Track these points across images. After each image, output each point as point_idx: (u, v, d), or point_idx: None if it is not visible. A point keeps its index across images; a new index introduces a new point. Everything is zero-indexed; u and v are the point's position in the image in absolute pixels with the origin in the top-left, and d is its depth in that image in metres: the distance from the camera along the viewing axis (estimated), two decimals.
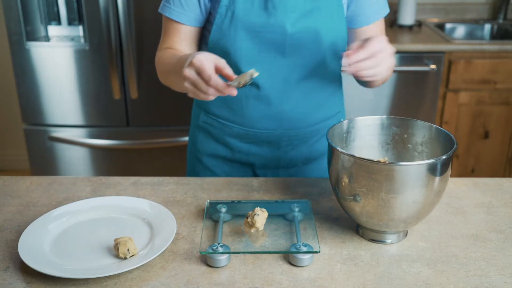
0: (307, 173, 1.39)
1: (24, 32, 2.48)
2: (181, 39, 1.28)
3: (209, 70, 0.99)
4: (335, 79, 1.34)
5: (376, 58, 1.04)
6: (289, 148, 1.35)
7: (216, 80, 0.99)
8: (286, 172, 1.39)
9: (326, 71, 1.28)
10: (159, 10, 1.30)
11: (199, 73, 1.00)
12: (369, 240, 1.03)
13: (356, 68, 1.03)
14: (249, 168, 1.39)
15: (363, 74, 1.04)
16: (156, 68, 1.31)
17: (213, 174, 1.41)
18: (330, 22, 1.21)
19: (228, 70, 1.02)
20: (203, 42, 1.32)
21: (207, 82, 1.00)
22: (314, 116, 1.33)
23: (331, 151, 0.99)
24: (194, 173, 1.45)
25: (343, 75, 1.37)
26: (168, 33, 1.30)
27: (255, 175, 1.40)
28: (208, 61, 1.00)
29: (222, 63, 1.02)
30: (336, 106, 1.38)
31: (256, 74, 1.00)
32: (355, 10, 1.26)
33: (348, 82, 2.63)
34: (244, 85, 1.00)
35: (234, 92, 1.00)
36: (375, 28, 1.29)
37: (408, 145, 1.11)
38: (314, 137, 1.36)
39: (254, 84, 1.25)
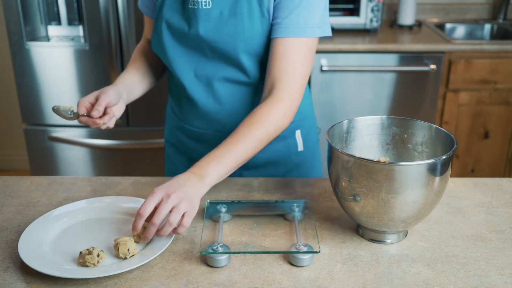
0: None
1: (24, 32, 2.49)
2: (151, 30, 1.36)
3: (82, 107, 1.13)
4: (263, 84, 1.24)
5: (166, 224, 0.95)
6: None
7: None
8: (234, 172, 1.34)
9: (251, 76, 1.24)
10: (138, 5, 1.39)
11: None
12: (369, 240, 1.03)
13: (151, 235, 0.97)
14: (194, 163, 1.37)
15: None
16: None
17: (171, 162, 1.45)
18: (247, 32, 1.17)
19: (97, 106, 1.13)
20: None
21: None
22: (242, 118, 1.24)
23: (331, 151, 0.99)
24: (167, 163, 1.50)
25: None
26: (144, 24, 1.40)
27: None
28: (84, 100, 1.14)
29: (101, 99, 1.14)
30: None
31: (71, 112, 1.16)
32: (274, 19, 1.18)
33: (348, 82, 2.64)
34: (67, 117, 1.15)
35: (97, 122, 1.13)
36: (285, 45, 1.15)
37: (408, 145, 1.11)
38: None
39: (181, 84, 1.28)
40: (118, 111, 1.20)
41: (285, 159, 1.36)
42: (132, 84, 1.30)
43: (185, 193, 0.97)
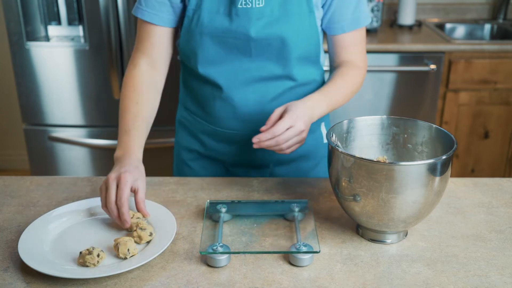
0: (280, 174, 1.38)
1: (24, 32, 2.48)
2: (154, 44, 1.25)
3: (126, 195, 1.02)
4: (311, 83, 1.32)
5: (277, 139, 1.08)
6: (258, 150, 1.33)
7: (123, 206, 1.01)
8: (257, 172, 1.38)
9: (297, 74, 1.27)
10: (132, 12, 1.26)
11: (117, 185, 1.03)
12: (369, 240, 1.03)
13: (260, 146, 1.09)
14: (221, 164, 1.39)
15: (269, 149, 1.11)
16: (122, 84, 1.26)
17: (190, 168, 1.42)
18: (298, 29, 1.21)
19: (140, 196, 1.06)
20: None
21: (116, 200, 1.02)
22: None
23: (331, 151, 0.99)
24: (177, 167, 1.47)
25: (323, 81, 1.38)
26: (142, 37, 1.26)
27: (227, 171, 1.40)
28: (128, 184, 1.03)
29: (140, 187, 1.06)
30: None
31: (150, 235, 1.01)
32: (331, 18, 1.26)
33: None
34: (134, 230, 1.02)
35: (126, 224, 1.02)
36: (350, 37, 1.29)
37: (408, 145, 1.11)
38: None
39: (217, 85, 1.26)
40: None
41: (314, 151, 1.39)
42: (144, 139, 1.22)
43: (307, 126, 1.12)
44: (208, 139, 1.36)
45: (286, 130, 1.08)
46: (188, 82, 1.34)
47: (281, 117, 1.11)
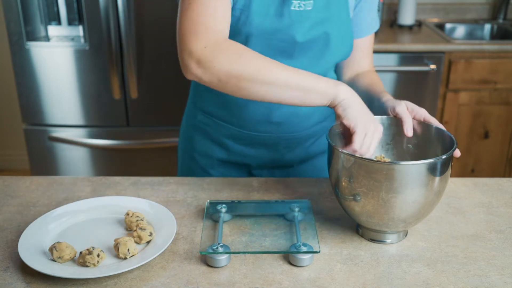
0: (303, 172, 1.40)
1: (24, 32, 2.49)
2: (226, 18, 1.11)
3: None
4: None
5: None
6: (286, 151, 1.35)
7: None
8: (282, 171, 1.39)
9: (327, 75, 1.29)
10: None
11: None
12: (369, 240, 1.03)
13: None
14: (245, 168, 1.39)
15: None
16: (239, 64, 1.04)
17: (208, 174, 1.40)
18: (340, 30, 1.22)
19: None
20: None
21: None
22: (312, 119, 1.33)
23: (331, 150, 0.99)
24: (188, 172, 1.44)
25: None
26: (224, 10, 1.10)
27: (251, 175, 1.40)
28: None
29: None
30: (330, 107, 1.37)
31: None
32: (354, 20, 1.29)
33: None
34: None
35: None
36: (367, 41, 1.34)
37: (409, 145, 1.11)
38: (310, 139, 1.36)
39: None
40: None
41: None
42: None
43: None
44: (233, 144, 1.34)
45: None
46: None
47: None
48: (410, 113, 1.09)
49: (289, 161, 1.37)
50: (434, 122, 1.08)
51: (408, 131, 1.07)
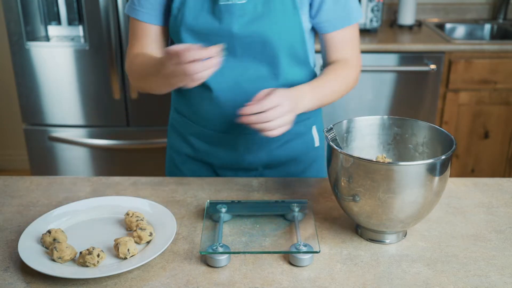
0: (271, 177, 1.36)
1: (24, 32, 2.49)
2: (151, 41, 1.27)
3: (183, 49, 0.99)
4: (296, 84, 1.26)
5: (266, 114, 1.05)
6: (246, 152, 1.32)
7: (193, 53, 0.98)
8: (245, 174, 1.36)
9: (283, 73, 1.25)
10: (126, 12, 1.28)
11: (178, 57, 1.00)
12: (368, 240, 1.03)
13: (248, 121, 1.06)
14: (210, 167, 1.38)
15: (254, 127, 1.07)
16: (128, 74, 1.29)
17: (180, 171, 1.41)
18: (282, 26, 1.19)
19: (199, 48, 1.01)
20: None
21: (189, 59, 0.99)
22: None
23: (330, 150, 0.99)
24: (168, 169, 1.46)
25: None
26: (137, 36, 1.27)
27: (216, 174, 1.39)
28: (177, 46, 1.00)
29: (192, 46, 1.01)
30: (303, 113, 1.30)
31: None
32: (321, 16, 1.25)
33: None
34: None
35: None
36: (341, 35, 1.28)
37: (409, 145, 1.11)
38: (274, 143, 1.32)
39: (206, 86, 1.24)
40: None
41: (304, 155, 1.37)
42: None
43: (293, 111, 1.09)
44: (197, 141, 1.35)
45: (274, 107, 1.06)
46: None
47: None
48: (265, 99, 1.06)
49: (252, 164, 1.34)
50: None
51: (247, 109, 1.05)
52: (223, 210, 1.09)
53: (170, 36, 1.27)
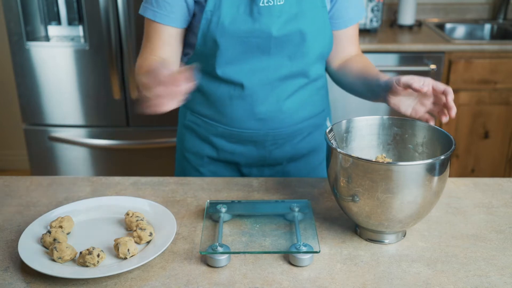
0: (293, 170, 1.40)
1: (24, 32, 2.49)
2: (164, 43, 1.24)
3: (162, 72, 0.95)
4: (319, 78, 1.35)
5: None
6: (273, 147, 1.35)
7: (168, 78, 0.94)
8: (271, 170, 1.39)
9: (310, 70, 1.29)
10: (140, 12, 1.24)
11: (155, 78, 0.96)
12: (367, 240, 1.03)
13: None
14: (234, 166, 1.40)
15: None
16: (136, 75, 1.25)
17: (199, 173, 1.41)
18: (315, 24, 1.23)
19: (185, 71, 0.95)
20: (187, 45, 1.30)
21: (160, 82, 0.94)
22: (298, 115, 1.33)
23: (329, 150, 0.99)
24: (182, 172, 1.45)
25: (327, 75, 1.42)
26: (151, 37, 1.25)
27: (240, 173, 1.40)
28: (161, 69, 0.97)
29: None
30: (321, 105, 1.40)
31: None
32: (335, 13, 1.29)
33: None
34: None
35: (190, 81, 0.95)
36: (351, 32, 1.34)
37: (409, 145, 1.11)
38: (298, 136, 1.36)
39: (238, 84, 1.25)
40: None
41: (322, 146, 1.41)
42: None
43: None
44: (221, 142, 1.35)
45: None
46: (199, 85, 1.30)
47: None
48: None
49: (278, 158, 1.37)
50: (442, 86, 1.06)
51: (423, 87, 1.04)
52: (223, 210, 1.09)
53: (200, 41, 1.22)
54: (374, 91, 1.19)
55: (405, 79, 1.07)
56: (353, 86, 1.32)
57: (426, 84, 1.05)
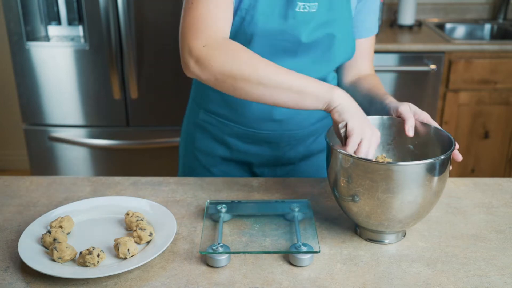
0: (303, 169, 1.41)
1: (24, 32, 2.49)
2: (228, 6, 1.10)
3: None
4: (333, 79, 1.37)
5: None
6: (288, 148, 1.36)
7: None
8: (283, 169, 1.40)
9: (328, 78, 1.31)
10: None
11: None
12: (367, 240, 1.03)
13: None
14: (246, 166, 1.40)
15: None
16: (214, 55, 1.03)
17: (210, 173, 1.41)
18: (342, 31, 1.24)
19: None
20: None
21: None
22: (314, 116, 1.34)
23: (329, 150, 0.99)
24: (190, 171, 1.45)
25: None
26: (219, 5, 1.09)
27: (252, 173, 1.41)
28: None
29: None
30: None
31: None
32: (355, 22, 1.30)
33: None
34: None
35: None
36: (367, 43, 1.34)
37: (409, 145, 1.11)
38: (311, 136, 1.38)
39: None
40: None
41: None
42: None
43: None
44: (236, 142, 1.35)
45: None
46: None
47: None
48: (412, 114, 1.09)
49: (291, 158, 1.38)
50: (435, 125, 1.09)
51: (410, 131, 1.07)
52: (223, 210, 1.09)
53: (230, 36, 1.15)
54: (378, 110, 1.20)
55: (401, 112, 1.09)
56: (361, 105, 1.32)
57: (410, 127, 1.07)
